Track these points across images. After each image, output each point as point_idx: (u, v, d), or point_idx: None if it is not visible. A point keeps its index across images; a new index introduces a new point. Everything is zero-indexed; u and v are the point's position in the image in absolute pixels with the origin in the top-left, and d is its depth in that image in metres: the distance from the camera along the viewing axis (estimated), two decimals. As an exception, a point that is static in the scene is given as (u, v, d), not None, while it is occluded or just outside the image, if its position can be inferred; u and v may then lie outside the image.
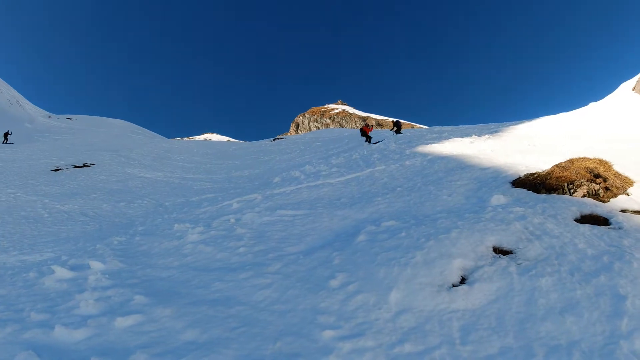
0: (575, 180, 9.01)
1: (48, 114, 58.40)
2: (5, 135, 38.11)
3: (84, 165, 24.21)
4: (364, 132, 25.76)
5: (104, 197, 17.32)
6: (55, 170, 22.79)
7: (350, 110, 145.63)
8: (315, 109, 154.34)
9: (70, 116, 59.96)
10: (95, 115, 64.30)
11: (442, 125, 29.93)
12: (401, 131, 27.08)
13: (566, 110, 23.24)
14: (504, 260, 6.29)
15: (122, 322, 5.23)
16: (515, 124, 21.44)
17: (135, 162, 26.66)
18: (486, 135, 18.76)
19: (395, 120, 27.44)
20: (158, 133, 66.05)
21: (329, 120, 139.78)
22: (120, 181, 20.92)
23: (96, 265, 7.55)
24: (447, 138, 19.93)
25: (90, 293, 6.21)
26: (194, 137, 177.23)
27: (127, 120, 64.98)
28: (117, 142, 37.06)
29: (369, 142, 24.93)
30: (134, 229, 11.32)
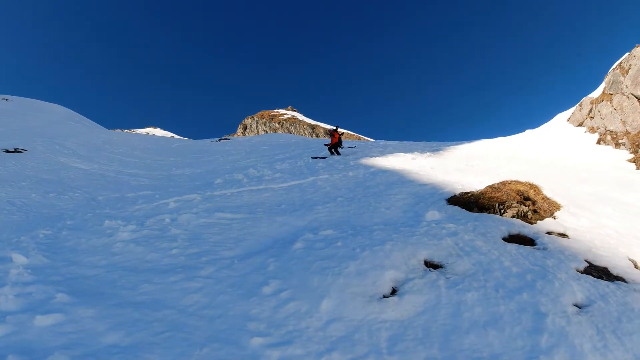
0: (506, 201, 9.45)
1: (-18, 92, 54.50)
2: None
3: (15, 151, 22.68)
4: (332, 139, 22.11)
5: (33, 186, 16.27)
6: (-16, 153, 21.26)
7: (300, 117, 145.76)
8: (265, 112, 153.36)
9: (6, 97, 56.06)
10: (33, 99, 60.54)
11: (387, 140, 30.61)
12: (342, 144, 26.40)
13: (504, 135, 24.38)
14: (434, 274, 6.47)
15: (42, 321, 4.93)
16: (456, 145, 22.25)
17: (69, 152, 25.28)
18: (428, 153, 19.35)
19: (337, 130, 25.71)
20: (98, 122, 63.09)
21: (277, 125, 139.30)
22: (52, 170, 19.75)
23: (19, 258, 7.05)
24: (391, 152, 20.38)
25: (10, 288, 5.79)
26: (135, 130, 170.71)
27: (65, 107, 61.62)
28: (53, 129, 34.93)
29: (335, 153, 22.04)
30: (62, 222, 10.68)
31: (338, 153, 22.10)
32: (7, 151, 22.28)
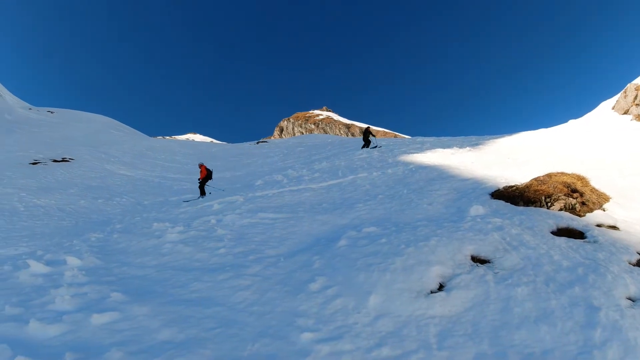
0: (553, 194, 9.20)
1: (28, 105, 57.32)
2: None
3: (63, 160, 23.77)
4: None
5: (81, 193, 17.03)
6: (34, 163, 22.34)
7: (335, 117, 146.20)
8: (300, 114, 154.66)
9: (51, 109, 58.73)
10: (76, 110, 63.18)
11: (424, 136, 30.31)
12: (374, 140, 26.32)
13: (546, 127, 23.62)
14: (481, 269, 6.39)
15: (98, 319, 5.15)
16: (496, 138, 21.72)
17: (115, 159, 26.29)
18: (467, 148, 18.98)
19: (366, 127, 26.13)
20: (140, 130, 65.16)
21: (313, 126, 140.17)
22: (99, 178, 20.60)
23: (73, 260, 7.41)
24: (429, 148, 20.12)
25: (66, 289, 6.10)
26: (176, 136, 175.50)
27: (108, 116, 63.99)
28: (97, 138, 36.44)
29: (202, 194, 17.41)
30: (111, 226, 11.15)
31: (203, 193, 17.48)
32: (55, 160, 23.33)
